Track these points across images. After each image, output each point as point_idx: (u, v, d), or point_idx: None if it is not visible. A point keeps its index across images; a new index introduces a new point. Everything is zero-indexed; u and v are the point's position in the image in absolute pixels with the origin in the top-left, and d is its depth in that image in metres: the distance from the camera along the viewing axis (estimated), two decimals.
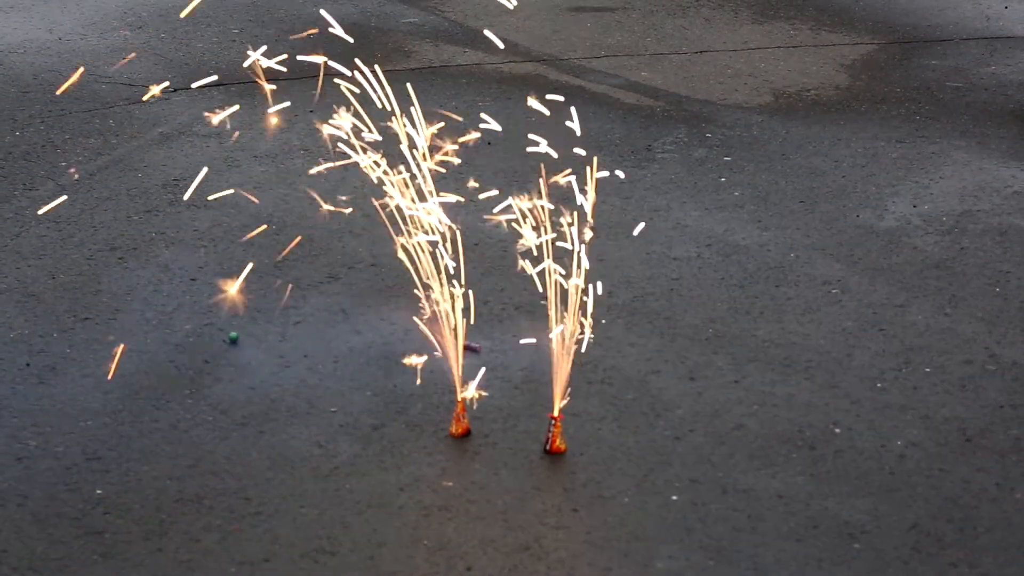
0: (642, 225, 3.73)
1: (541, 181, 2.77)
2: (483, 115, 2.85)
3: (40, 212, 3.89)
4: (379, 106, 2.77)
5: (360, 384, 3.18)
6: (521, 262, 2.85)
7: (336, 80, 2.84)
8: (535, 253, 2.86)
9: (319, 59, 2.75)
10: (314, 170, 3.05)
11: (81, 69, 4.96)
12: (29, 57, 5.42)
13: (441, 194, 2.84)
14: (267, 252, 3.81)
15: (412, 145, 2.79)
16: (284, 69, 2.83)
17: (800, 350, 3.35)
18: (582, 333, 2.86)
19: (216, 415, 3.05)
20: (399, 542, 2.65)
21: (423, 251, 2.80)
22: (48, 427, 3.00)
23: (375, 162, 2.78)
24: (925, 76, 5.35)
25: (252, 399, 3.12)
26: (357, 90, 2.83)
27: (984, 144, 4.66)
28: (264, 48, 2.78)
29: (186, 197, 3.46)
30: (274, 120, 2.79)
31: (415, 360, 3.00)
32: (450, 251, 2.80)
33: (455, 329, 2.91)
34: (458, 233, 2.89)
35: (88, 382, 3.17)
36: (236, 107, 2.99)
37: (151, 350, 3.31)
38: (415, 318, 2.97)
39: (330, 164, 2.87)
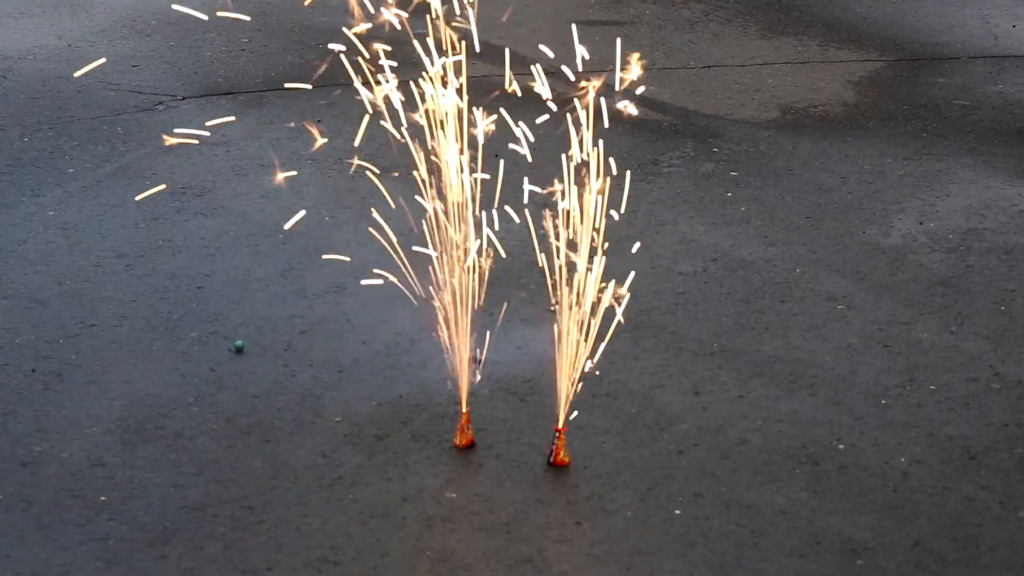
0: (637, 245, 3.72)
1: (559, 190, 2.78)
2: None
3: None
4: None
5: (365, 394, 3.18)
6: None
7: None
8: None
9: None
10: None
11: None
12: (38, 64, 5.43)
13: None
14: (273, 261, 3.82)
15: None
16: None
17: (805, 366, 3.35)
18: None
19: (221, 423, 3.06)
20: (402, 552, 2.65)
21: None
22: (53, 433, 3.01)
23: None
24: (932, 94, 5.36)
25: (257, 408, 3.12)
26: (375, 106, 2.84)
27: (990, 163, 4.66)
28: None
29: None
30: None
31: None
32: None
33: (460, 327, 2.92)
34: (473, 243, 2.89)
35: (94, 389, 3.18)
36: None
37: (157, 357, 3.32)
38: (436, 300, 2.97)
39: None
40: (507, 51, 3.01)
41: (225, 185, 4.33)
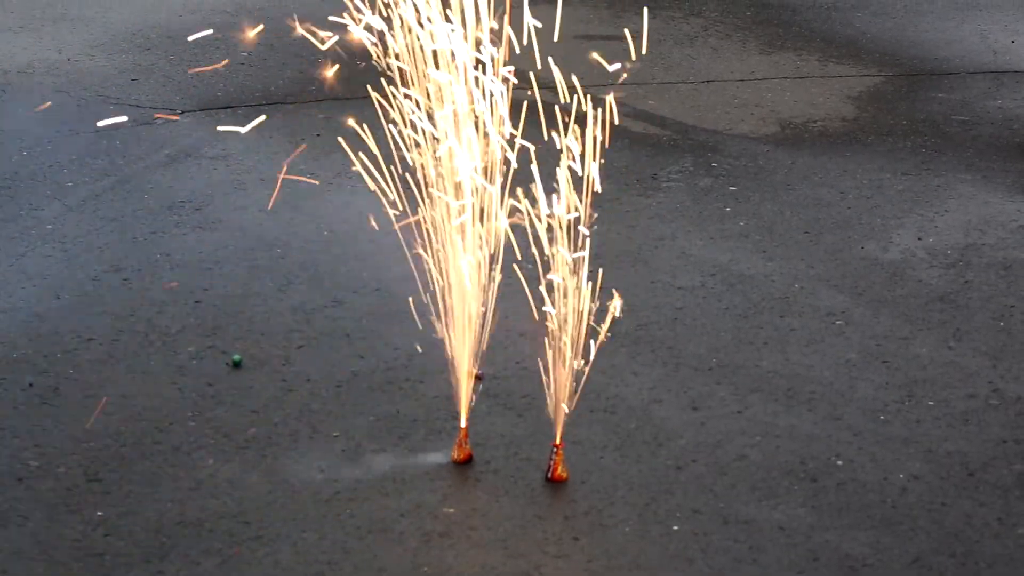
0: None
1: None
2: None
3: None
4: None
5: (363, 409, 3.18)
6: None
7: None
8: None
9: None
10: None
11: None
12: (37, 77, 5.43)
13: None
14: (273, 276, 3.81)
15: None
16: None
17: (803, 381, 3.35)
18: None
19: (218, 438, 3.05)
20: (400, 568, 2.65)
21: None
22: (50, 448, 3.00)
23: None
24: (931, 109, 5.36)
25: (254, 423, 3.11)
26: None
27: (989, 178, 4.66)
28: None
29: None
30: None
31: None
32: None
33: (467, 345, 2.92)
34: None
35: (91, 403, 3.17)
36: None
37: (154, 372, 3.32)
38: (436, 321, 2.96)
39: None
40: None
41: (224, 199, 4.32)
